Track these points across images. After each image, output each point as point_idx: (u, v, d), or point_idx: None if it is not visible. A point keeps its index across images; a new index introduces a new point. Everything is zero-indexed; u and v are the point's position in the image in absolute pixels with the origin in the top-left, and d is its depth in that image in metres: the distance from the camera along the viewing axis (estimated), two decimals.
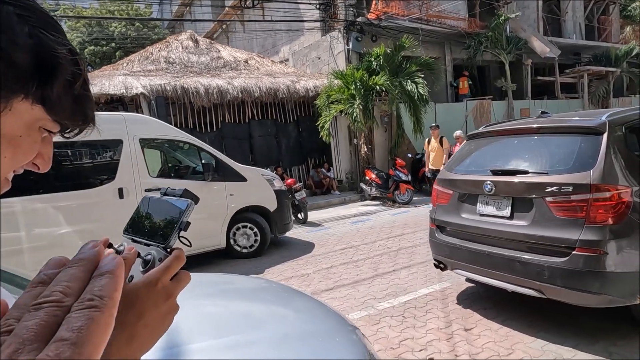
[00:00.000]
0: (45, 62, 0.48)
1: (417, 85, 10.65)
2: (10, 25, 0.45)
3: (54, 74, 0.49)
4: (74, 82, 0.52)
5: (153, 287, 0.55)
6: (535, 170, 3.27)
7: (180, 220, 0.65)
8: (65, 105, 0.52)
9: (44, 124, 0.51)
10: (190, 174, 6.53)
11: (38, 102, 0.49)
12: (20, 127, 0.49)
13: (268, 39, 16.47)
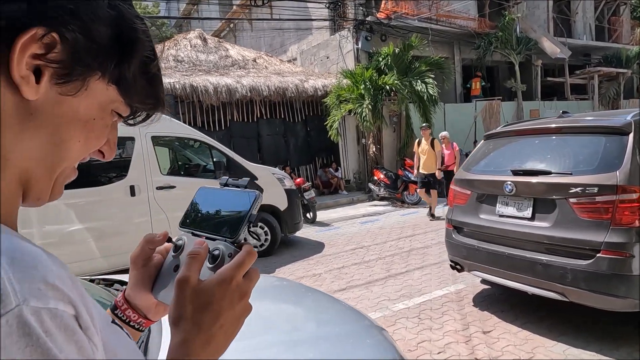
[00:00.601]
0: (124, 37, 0.43)
1: (427, 85, 10.59)
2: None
3: (132, 51, 0.45)
4: (150, 61, 0.48)
5: (228, 285, 0.50)
6: (558, 171, 3.21)
7: (249, 213, 0.60)
8: (139, 86, 0.47)
9: (116, 106, 0.47)
10: (201, 172, 6.50)
11: (113, 82, 0.44)
12: (94, 108, 0.44)
13: (276, 37, 16.43)
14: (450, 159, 8.90)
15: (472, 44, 13.98)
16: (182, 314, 0.48)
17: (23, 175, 0.40)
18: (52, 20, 0.37)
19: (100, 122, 0.46)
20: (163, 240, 0.61)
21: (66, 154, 0.43)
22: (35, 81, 0.38)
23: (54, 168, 0.43)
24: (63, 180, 0.46)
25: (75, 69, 0.40)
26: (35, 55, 0.37)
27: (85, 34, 0.39)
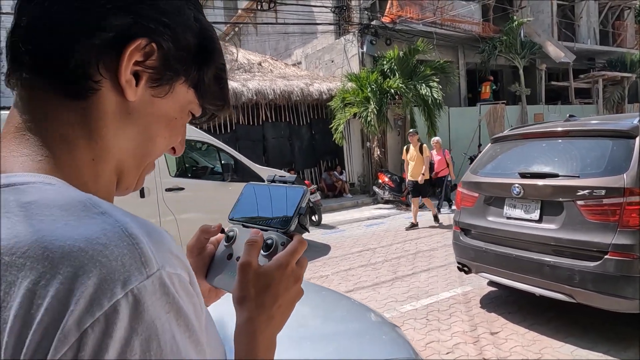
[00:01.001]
0: (205, 46, 0.49)
1: (432, 89, 10.64)
2: (182, 10, 0.46)
3: (211, 59, 0.51)
4: (223, 68, 0.54)
5: (284, 270, 0.55)
6: (566, 174, 3.25)
7: (299, 206, 0.65)
8: (212, 89, 0.53)
9: (192, 107, 0.53)
10: (209, 174, 6.56)
11: (192, 86, 0.50)
12: (177, 109, 0.50)
13: (280, 41, 16.54)
14: (440, 165, 8.73)
15: (477, 48, 14.04)
16: (246, 295, 0.53)
17: (118, 167, 0.46)
18: (152, 31, 0.43)
19: (180, 121, 0.52)
20: (217, 231, 0.67)
21: (153, 148, 0.49)
22: (135, 84, 0.44)
23: (142, 161, 0.49)
24: (145, 172, 0.52)
25: (166, 74, 0.46)
26: (137, 62, 0.43)
27: (176, 43, 0.45)
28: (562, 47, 14.70)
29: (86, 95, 0.42)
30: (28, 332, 0.30)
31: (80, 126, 0.42)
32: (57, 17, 0.40)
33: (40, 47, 0.40)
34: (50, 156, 0.41)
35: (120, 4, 0.42)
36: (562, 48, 14.65)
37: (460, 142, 12.71)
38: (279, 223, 0.65)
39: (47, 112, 0.42)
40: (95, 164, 0.44)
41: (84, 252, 0.32)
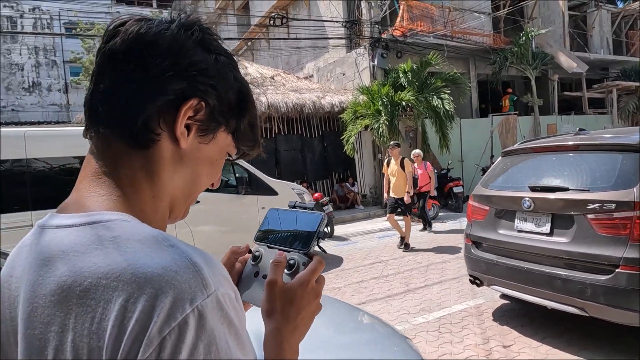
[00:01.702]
0: (242, 101, 0.60)
1: (443, 101, 10.71)
2: (225, 73, 0.57)
3: (247, 110, 0.61)
4: (256, 116, 0.64)
5: (306, 286, 0.64)
6: (576, 187, 3.28)
7: (318, 230, 0.74)
8: (246, 133, 0.63)
9: (229, 149, 0.63)
10: (223, 187, 6.70)
11: (231, 131, 0.60)
12: (217, 152, 0.60)
13: (293, 55, 16.80)
14: (423, 180, 8.37)
15: (488, 60, 14.08)
16: (274, 308, 0.62)
17: (171, 201, 0.57)
18: (202, 92, 0.53)
19: (220, 162, 0.62)
20: (245, 252, 0.76)
21: (198, 185, 0.59)
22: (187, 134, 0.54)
23: (189, 196, 0.59)
24: (190, 204, 0.62)
25: (211, 125, 0.56)
26: (189, 117, 0.53)
27: (220, 100, 0.56)
28: (575, 58, 14.65)
29: (149, 145, 0.52)
30: (123, 337, 0.40)
31: (144, 170, 0.53)
32: (129, 85, 0.51)
33: (115, 109, 0.51)
34: (122, 196, 0.51)
35: (178, 72, 0.52)
36: (575, 58, 14.60)
37: (472, 153, 12.71)
38: (300, 245, 0.74)
39: (118, 160, 0.52)
40: (155, 200, 0.54)
41: (162, 277, 0.42)
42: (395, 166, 7.12)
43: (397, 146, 7.33)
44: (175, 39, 0.53)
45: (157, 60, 0.51)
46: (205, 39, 0.56)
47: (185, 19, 0.56)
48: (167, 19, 0.56)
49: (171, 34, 0.53)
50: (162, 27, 0.53)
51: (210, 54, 0.56)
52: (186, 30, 0.55)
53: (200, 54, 0.54)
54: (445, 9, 13.49)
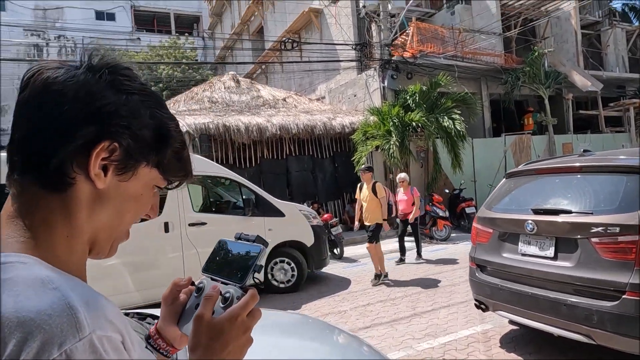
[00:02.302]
0: (161, 136, 0.62)
1: (454, 121, 10.67)
2: (138, 112, 0.59)
3: (167, 144, 0.63)
4: (180, 149, 0.66)
5: (234, 321, 0.65)
6: (579, 210, 3.21)
7: (254, 263, 0.76)
8: (173, 165, 0.65)
9: (157, 182, 0.65)
10: (231, 208, 6.76)
11: (154, 165, 0.63)
12: (141, 187, 0.62)
13: (305, 77, 17.08)
14: (408, 206, 7.76)
15: (500, 79, 14.04)
16: (198, 342, 0.63)
17: (91, 238, 0.59)
18: (114, 134, 0.56)
19: (146, 196, 0.64)
20: (187, 284, 0.77)
21: (121, 222, 0.61)
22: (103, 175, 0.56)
23: (112, 233, 0.61)
24: (118, 241, 0.64)
25: (129, 164, 0.58)
26: (104, 158, 0.56)
27: (135, 139, 0.58)
28: (588, 76, 14.50)
29: (65, 189, 0.55)
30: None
31: (60, 211, 0.55)
32: (40, 133, 0.54)
33: (29, 157, 0.54)
34: (31, 237, 0.53)
35: (87, 117, 0.54)
36: (589, 77, 14.45)
37: (485, 173, 12.56)
38: (237, 278, 0.76)
39: (33, 203, 0.55)
40: (70, 240, 0.56)
41: (33, 321, 0.43)
42: (367, 191, 6.61)
43: (368, 170, 6.82)
44: (82, 84, 0.55)
45: (66, 107, 0.54)
46: (115, 80, 0.58)
47: (98, 60, 0.59)
48: (78, 64, 0.58)
49: (77, 81, 0.55)
50: (69, 75, 0.56)
51: (121, 94, 0.57)
52: (94, 74, 0.57)
53: (110, 96, 0.56)
54: (455, 30, 13.59)
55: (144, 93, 0.61)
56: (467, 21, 14.37)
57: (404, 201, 7.80)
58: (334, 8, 14.70)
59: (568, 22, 15.79)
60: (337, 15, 14.44)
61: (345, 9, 14.20)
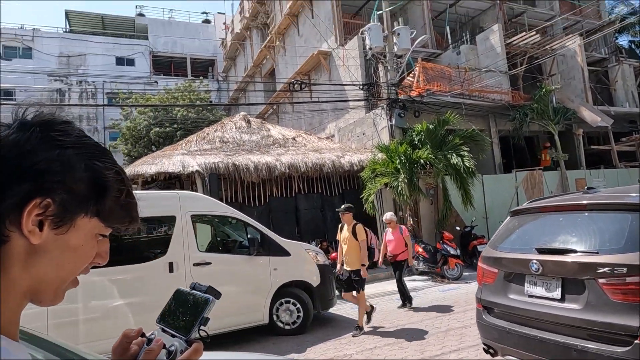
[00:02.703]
0: (98, 186, 0.63)
1: (463, 158, 10.66)
2: (72, 166, 0.61)
3: (105, 193, 0.64)
4: (120, 196, 0.67)
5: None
6: (584, 250, 3.12)
7: (201, 316, 0.75)
8: (115, 213, 0.66)
9: (99, 230, 0.66)
10: (237, 248, 6.74)
11: (94, 215, 0.64)
12: (81, 238, 0.64)
13: (315, 117, 17.42)
14: (398, 247, 7.25)
15: (508, 116, 14.11)
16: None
17: (31, 288, 0.60)
18: (47, 190, 0.58)
19: (87, 246, 0.65)
20: (137, 335, 0.77)
21: (62, 273, 0.62)
22: (39, 230, 0.58)
23: (54, 283, 0.62)
24: (64, 289, 0.65)
25: (66, 217, 0.60)
26: (37, 214, 0.57)
27: (70, 193, 0.60)
28: (598, 112, 14.47)
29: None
30: None
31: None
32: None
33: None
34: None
35: (18, 175, 0.56)
36: (598, 112, 14.42)
37: (497, 209, 12.37)
38: (184, 330, 0.75)
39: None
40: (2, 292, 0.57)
41: None
42: (347, 233, 6.20)
43: (348, 210, 6.31)
44: (14, 143, 0.58)
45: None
46: (47, 136, 0.60)
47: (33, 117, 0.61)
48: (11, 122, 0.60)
49: (8, 140, 0.58)
50: (1, 135, 0.58)
51: (54, 149, 0.59)
52: (25, 132, 0.59)
53: (42, 152, 0.58)
54: (461, 69, 13.84)
55: (80, 145, 0.62)
56: (472, 60, 14.66)
57: (392, 242, 7.32)
58: (342, 50, 15.17)
59: (574, 59, 15.98)
60: (345, 57, 14.89)
61: (352, 51, 14.65)
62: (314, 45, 16.93)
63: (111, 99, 26.23)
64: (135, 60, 29.23)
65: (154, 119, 20.17)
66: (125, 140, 20.83)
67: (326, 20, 16.18)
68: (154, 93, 23.86)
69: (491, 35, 14.81)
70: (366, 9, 17.49)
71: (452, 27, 17.84)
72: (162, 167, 10.26)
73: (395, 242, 7.33)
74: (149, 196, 5.96)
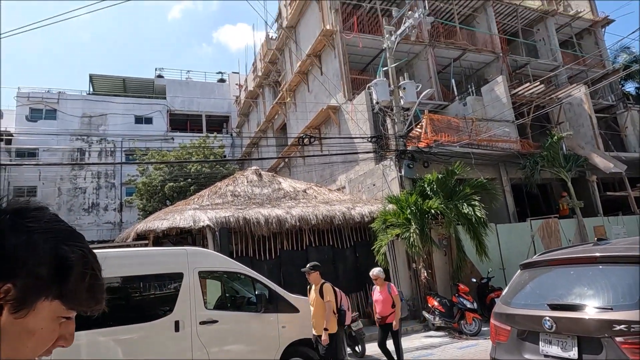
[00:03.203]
0: (61, 269, 0.65)
1: (474, 208, 10.54)
2: (37, 251, 0.64)
3: (68, 277, 0.66)
4: (84, 278, 0.68)
5: None
6: (598, 305, 2.99)
7: None
8: (78, 295, 0.68)
9: (60, 313, 0.67)
10: (245, 304, 6.61)
11: (55, 298, 0.66)
12: (40, 321, 0.65)
13: (326, 169, 17.64)
14: (386, 307, 6.45)
15: (518, 164, 14.08)
16: None
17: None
18: (9, 275, 0.60)
19: (47, 330, 0.66)
20: None
21: (21, 355, 0.63)
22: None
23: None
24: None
25: (25, 301, 0.62)
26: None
27: (31, 278, 0.62)
28: (610, 158, 14.37)
29: None
30: None
31: None
32: None
33: None
34: None
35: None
36: (610, 159, 14.31)
37: (513, 260, 12.00)
38: None
39: None
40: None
41: None
42: (315, 294, 5.77)
43: (314, 269, 5.89)
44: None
45: None
46: (17, 223, 0.63)
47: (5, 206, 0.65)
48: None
49: None
50: None
51: (21, 235, 0.62)
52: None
53: (10, 238, 0.61)
54: (468, 120, 14.06)
55: (48, 230, 0.66)
56: (479, 111, 14.92)
57: (380, 301, 6.56)
58: (350, 105, 15.63)
59: (581, 107, 16.13)
60: (353, 111, 15.31)
61: (360, 105, 15.08)
62: (323, 101, 17.51)
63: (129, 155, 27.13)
64: (153, 119, 30.46)
65: (169, 174, 20.67)
66: (141, 195, 21.26)
67: (334, 77, 16.83)
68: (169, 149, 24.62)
69: (496, 87, 15.15)
70: (372, 65, 18.21)
71: (458, 80, 18.35)
72: (173, 222, 10.37)
73: (383, 302, 6.55)
74: (157, 253, 5.99)
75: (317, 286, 5.82)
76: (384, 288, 6.69)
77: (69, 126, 27.52)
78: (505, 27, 20.75)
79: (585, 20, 21.59)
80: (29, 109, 27.60)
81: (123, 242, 11.66)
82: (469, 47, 18.16)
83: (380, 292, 6.69)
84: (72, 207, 27.01)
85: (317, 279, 5.89)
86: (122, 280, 5.49)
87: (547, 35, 20.33)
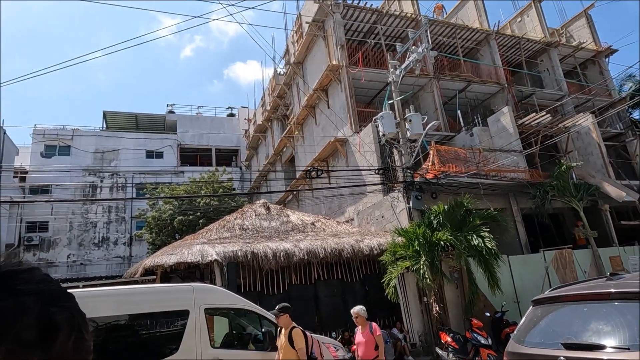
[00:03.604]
0: (48, 331, 0.66)
1: (484, 239, 10.38)
2: (24, 313, 0.64)
3: (55, 338, 0.66)
4: (69, 339, 0.68)
5: None
6: (614, 345, 2.88)
7: None
8: (64, 357, 0.67)
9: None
10: (252, 341, 6.48)
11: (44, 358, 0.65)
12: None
13: (334, 201, 17.63)
14: (369, 350, 5.75)
15: (528, 194, 13.94)
16: None
17: None
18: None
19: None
20: None
21: None
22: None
23: None
24: None
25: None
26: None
27: (17, 341, 0.62)
28: (621, 186, 14.17)
29: None
30: None
31: None
32: None
33: None
34: None
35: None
36: (622, 187, 14.12)
37: (528, 292, 11.66)
38: None
39: None
40: None
41: None
42: (283, 338, 5.15)
43: (283, 312, 5.24)
44: None
45: None
46: (6, 285, 0.64)
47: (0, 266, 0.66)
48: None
49: None
50: None
51: (10, 297, 0.63)
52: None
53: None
54: (475, 150, 14.07)
55: (37, 292, 0.66)
56: (486, 141, 14.95)
57: (362, 344, 5.85)
58: (357, 137, 15.78)
59: (589, 136, 16.10)
60: (360, 143, 15.43)
61: (367, 137, 15.21)
62: (330, 134, 17.72)
63: (139, 190, 27.46)
64: (164, 153, 30.98)
65: (178, 207, 20.81)
66: (150, 229, 21.34)
67: (341, 111, 17.09)
68: (179, 183, 24.89)
69: (502, 117, 15.23)
70: (378, 98, 18.50)
71: (464, 111, 18.51)
72: (181, 257, 10.35)
73: (365, 344, 5.80)
74: (163, 290, 5.96)
75: (286, 330, 5.16)
76: (365, 328, 5.96)
77: (82, 162, 28.10)
78: (509, 58, 21.08)
79: (588, 50, 21.87)
80: (44, 146, 28.29)
81: (131, 277, 11.62)
82: (473, 78, 18.42)
83: (361, 334, 5.98)
84: (82, 242, 27.15)
85: (287, 322, 5.22)
86: (128, 319, 5.44)
87: (552, 66, 20.59)
